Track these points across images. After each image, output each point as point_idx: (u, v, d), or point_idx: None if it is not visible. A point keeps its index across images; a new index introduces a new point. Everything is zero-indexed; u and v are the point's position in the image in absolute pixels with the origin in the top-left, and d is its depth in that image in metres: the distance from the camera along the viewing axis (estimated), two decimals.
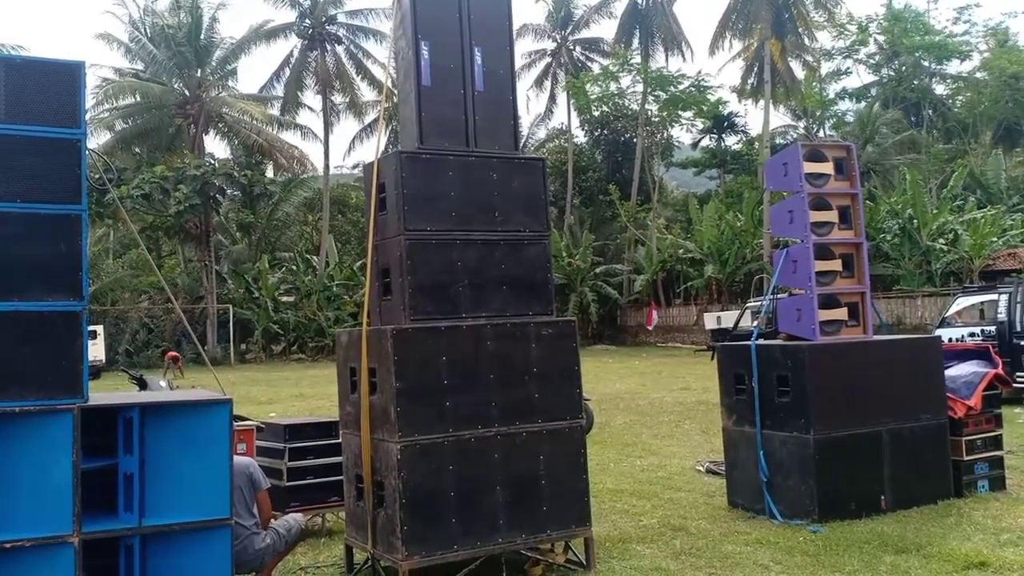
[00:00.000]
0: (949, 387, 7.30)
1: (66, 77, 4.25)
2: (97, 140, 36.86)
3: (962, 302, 15.99)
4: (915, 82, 41.34)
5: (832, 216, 7.13)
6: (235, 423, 5.85)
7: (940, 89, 44.03)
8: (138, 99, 37.79)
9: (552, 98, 48.64)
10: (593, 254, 39.81)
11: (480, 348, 5.35)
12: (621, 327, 40.85)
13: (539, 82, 48.48)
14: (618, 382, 20.12)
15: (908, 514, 6.60)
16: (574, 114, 46.03)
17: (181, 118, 38.08)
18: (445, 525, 5.12)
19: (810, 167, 7.10)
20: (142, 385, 8.81)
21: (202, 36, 37.85)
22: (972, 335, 14.28)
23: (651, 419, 13.35)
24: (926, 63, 41.42)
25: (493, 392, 5.35)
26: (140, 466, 4.23)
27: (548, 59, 48.24)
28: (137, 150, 39.84)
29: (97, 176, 5.26)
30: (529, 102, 49.10)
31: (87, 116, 4.44)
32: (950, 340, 13.02)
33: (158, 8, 38.89)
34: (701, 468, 8.93)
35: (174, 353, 25.72)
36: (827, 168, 7.18)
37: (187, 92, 37.79)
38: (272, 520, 5.36)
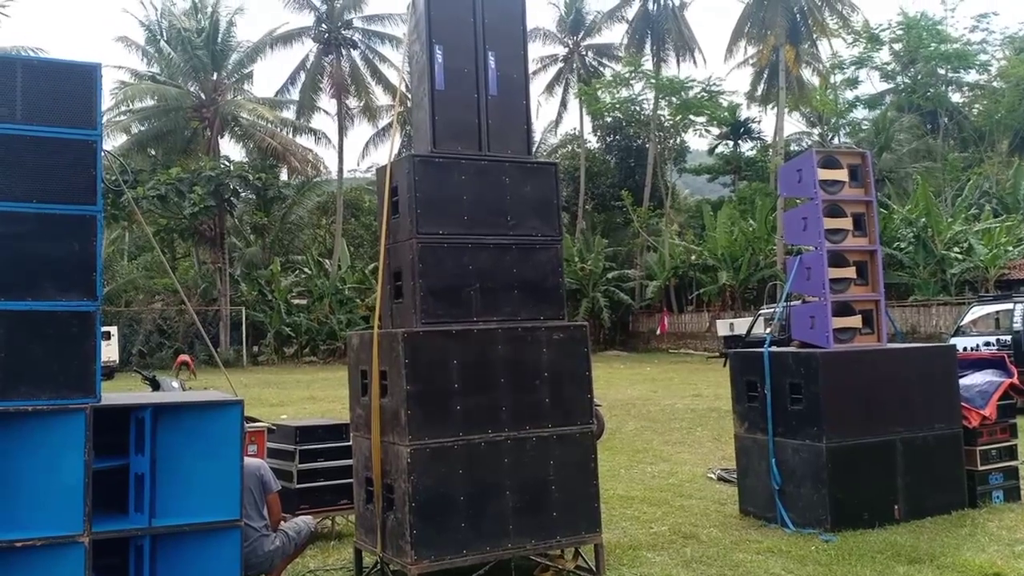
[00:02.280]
0: (964, 396, 7.23)
1: (82, 79, 4.28)
2: (113, 143, 37.16)
3: (977, 311, 15.89)
4: (930, 90, 41.11)
5: (846, 223, 7.08)
6: (246, 425, 5.86)
7: (956, 97, 43.79)
8: (154, 102, 38.06)
9: (563, 104, 48.65)
10: (605, 259, 39.77)
11: (491, 352, 5.34)
12: (633, 333, 40.76)
13: (550, 87, 48.49)
14: (629, 388, 20.06)
15: (921, 524, 6.54)
16: (587, 119, 46.03)
17: (197, 121, 38.30)
18: (455, 529, 5.10)
19: (824, 174, 7.06)
20: (155, 386, 8.83)
21: (219, 40, 38.10)
22: (987, 344, 14.17)
23: (662, 425, 13.30)
24: (942, 71, 41.20)
25: (504, 396, 5.33)
26: (151, 466, 4.24)
27: (559, 64, 48.23)
28: (153, 152, 40.11)
29: (113, 178, 5.29)
30: (540, 108, 48.99)
31: (103, 118, 4.47)
32: (965, 349, 12.91)
33: (175, 11, 39.20)
34: (713, 475, 8.89)
35: (184, 357, 25.78)
36: (841, 175, 7.14)
37: (203, 95, 38.02)
38: (282, 522, 5.37)
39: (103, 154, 4.39)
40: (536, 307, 5.61)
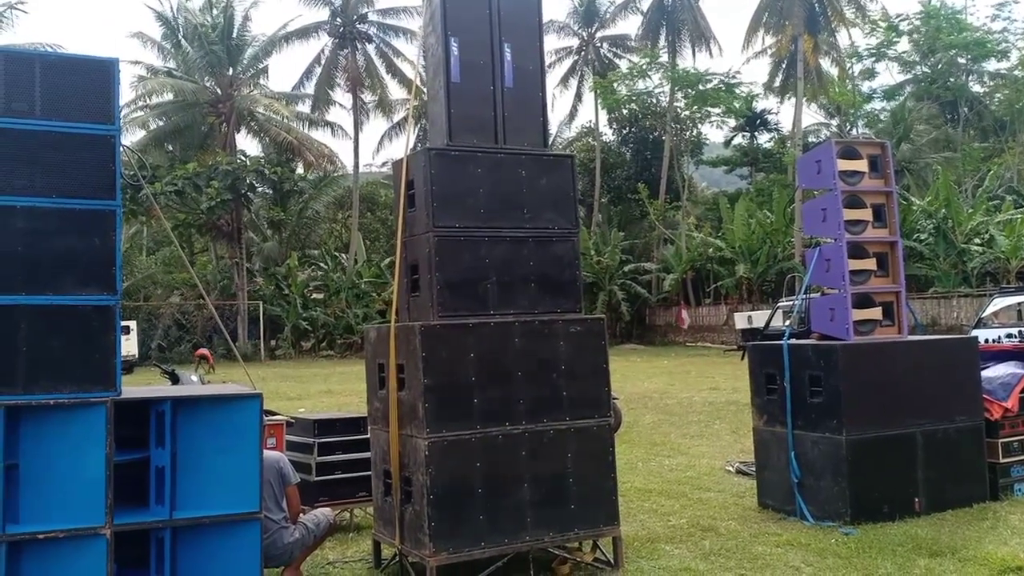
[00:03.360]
0: (985, 388, 7.16)
1: (100, 74, 4.31)
2: (131, 138, 37.39)
3: (999, 303, 15.74)
4: (950, 80, 40.62)
5: (866, 214, 7.01)
6: (265, 418, 5.89)
7: (977, 87, 43.24)
8: (171, 97, 38.31)
9: (578, 96, 48.41)
10: (622, 252, 39.64)
11: (508, 345, 5.33)
12: (650, 326, 40.64)
13: (565, 80, 48.27)
14: (646, 381, 20.01)
15: (943, 517, 6.48)
16: (602, 112, 45.82)
17: (213, 116, 38.51)
18: (473, 522, 5.11)
19: (844, 164, 7.00)
20: (174, 379, 8.90)
21: (234, 35, 38.26)
22: (1009, 336, 14.03)
23: (680, 419, 13.26)
24: (962, 60, 40.70)
25: (521, 389, 5.33)
26: (171, 459, 4.28)
27: (574, 57, 47.98)
28: (170, 148, 40.40)
29: (131, 173, 5.32)
30: (555, 100, 48.75)
31: (121, 114, 4.50)
32: (986, 341, 12.79)
33: (191, 6, 39.39)
34: (731, 468, 8.85)
35: (203, 351, 25.95)
36: (861, 165, 7.08)
37: (219, 90, 38.20)
38: (301, 514, 5.40)
39: (121, 149, 4.41)
40: (553, 300, 5.60)
